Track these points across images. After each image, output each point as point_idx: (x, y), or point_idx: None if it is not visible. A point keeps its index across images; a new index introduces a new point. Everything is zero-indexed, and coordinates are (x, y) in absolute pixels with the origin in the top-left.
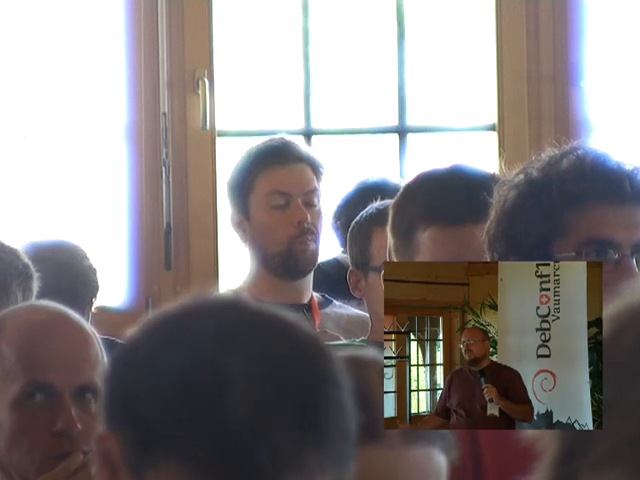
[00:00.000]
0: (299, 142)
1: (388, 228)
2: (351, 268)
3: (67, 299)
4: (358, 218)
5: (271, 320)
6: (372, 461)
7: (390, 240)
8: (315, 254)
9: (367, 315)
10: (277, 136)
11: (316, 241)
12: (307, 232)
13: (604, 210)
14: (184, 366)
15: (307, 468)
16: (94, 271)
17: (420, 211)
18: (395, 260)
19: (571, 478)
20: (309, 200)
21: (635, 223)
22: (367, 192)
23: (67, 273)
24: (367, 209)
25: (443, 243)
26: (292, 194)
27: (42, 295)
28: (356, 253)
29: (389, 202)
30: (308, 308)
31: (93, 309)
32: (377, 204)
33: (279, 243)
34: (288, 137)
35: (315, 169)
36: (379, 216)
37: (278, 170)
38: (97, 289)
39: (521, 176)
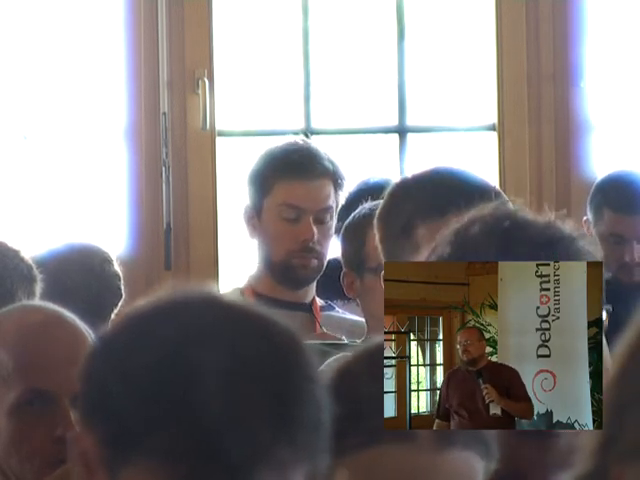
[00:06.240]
0: (324, 150)
1: (378, 238)
2: (345, 270)
3: (94, 305)
4: (350, 219)
5: (244, 314)
6: (402, 463)
7: (381, 244)
8: (316, 269)
9: None
10: (304, 142)
11: (319, 258)
12: (309, 250)
13: None
14: (156, 362)
15: (280, 462)
16: (119, 278)
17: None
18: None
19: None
20: (321, 218)
21: None
22: (369, 192)
23: (96, 278)
24: (359, 210)
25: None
26: (305, 209)
27: (69, 299)
28: (350, 254)
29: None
30: (309, 308)
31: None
32: (369, 204)
33: (280, 254)
34: (314, 146)
35: (336, 183)
36: (371, 217)
37: (297, 183)
38: (120, 297)
39: (433, 257)
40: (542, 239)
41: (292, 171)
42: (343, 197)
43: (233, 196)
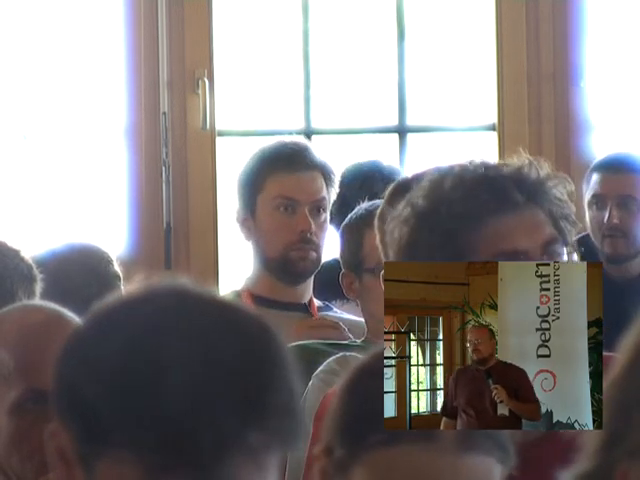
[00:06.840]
0: (313, 146)
1: (379, 238)
2: (343, 270)
3: (94, 305)
4: (347, 220)
5: (213, 304)
6: (420, 464)
7: (381, 244)
8: (315, 262)
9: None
10: (292, 139)
11: (317, 250)
12: (307, 241)
13: (502, 223)
14: (125, 353)
15: (251, 448)
16: (119, 278)
17: None
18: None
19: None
20: (316, 209)
21: (536, 224)
22: (362, 174)
23: (96, 279)
24: (356, 210)
25: None
26: (300, 201)
27: (69, 299)
28: (348, 255)
29: (378, 202)
30: (307, 309)
31: None
32: (365, 205)
33: (277, 248)
34: (303, 141)
35: (326, 177)
36: (369, 217)
37: (289, 176)
38: None
39: (408, 209)
40: (514, 181)
41: (283, 165)
42: (335, 193)
43: (233, 196)
